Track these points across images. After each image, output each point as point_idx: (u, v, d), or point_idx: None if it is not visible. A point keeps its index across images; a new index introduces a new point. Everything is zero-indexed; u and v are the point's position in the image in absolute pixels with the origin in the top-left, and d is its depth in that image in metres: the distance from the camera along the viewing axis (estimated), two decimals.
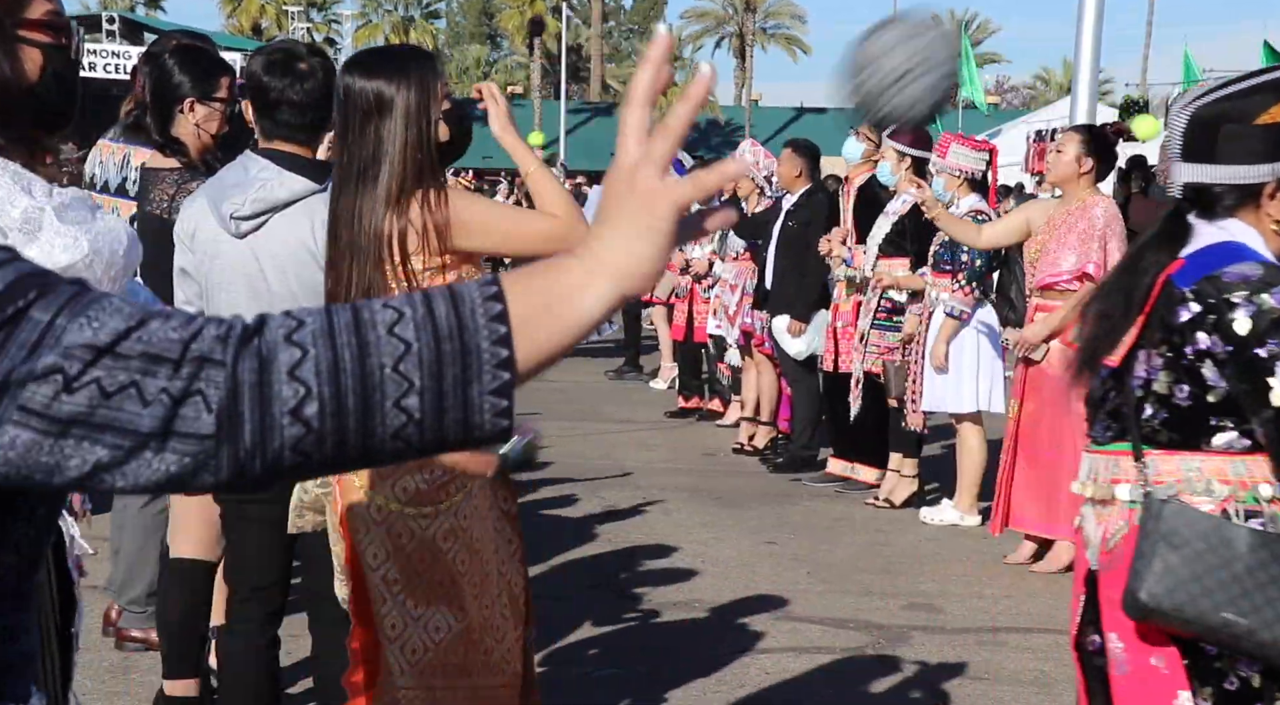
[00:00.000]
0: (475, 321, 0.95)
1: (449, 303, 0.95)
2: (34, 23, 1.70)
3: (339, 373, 0.93)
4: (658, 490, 7.00)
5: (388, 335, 0.94)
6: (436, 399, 0.94)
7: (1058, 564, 5.60)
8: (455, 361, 0.94)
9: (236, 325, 0.94)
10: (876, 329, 6.67)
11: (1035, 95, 63.46)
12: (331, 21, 52.93)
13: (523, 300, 0.97)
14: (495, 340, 0.95)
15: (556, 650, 4.43)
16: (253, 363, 0.92)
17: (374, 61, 2.56)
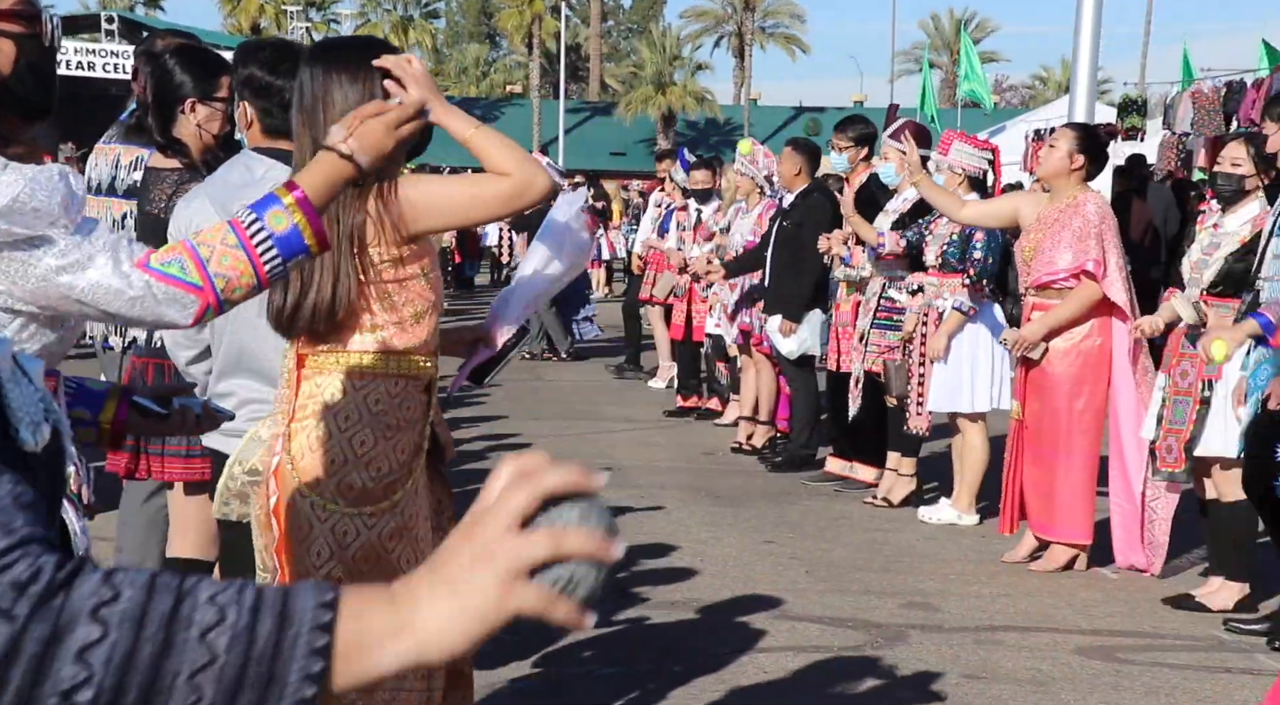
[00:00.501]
0: (294, 650, 0.88)
1: (276, 621, 0.88)
2: (3, 13, 1.70)
3: (130, 667, 0.85)
4: (657, 489, 7.01)
5: (197, 640, 0.87)
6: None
7: (1055, 563, 5.61)
8: (257, 686, 0.87)
9: (45, 571, 0.86)
10: (877, 328, 6.68)
11: (1034, 94, 63.45)
12: (330, 21, 52.86)
13: (345, 635, 0.90)
14: (306, 676, 0.88)
15: (557, 649, 4.44)
16: (44, 630, 0.84)
17: (334, 52, 2.52)
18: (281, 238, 1.82)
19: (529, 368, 11.77)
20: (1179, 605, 5.11)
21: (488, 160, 2.46)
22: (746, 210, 8.29)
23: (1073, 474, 5.58)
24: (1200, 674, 4.46)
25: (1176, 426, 5.10)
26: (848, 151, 7.14)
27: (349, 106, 2.34)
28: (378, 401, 2.48)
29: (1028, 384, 5.65)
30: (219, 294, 1.81)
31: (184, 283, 1.79)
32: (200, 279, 1.79)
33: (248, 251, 1.81)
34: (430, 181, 2.51)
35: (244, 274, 1.81)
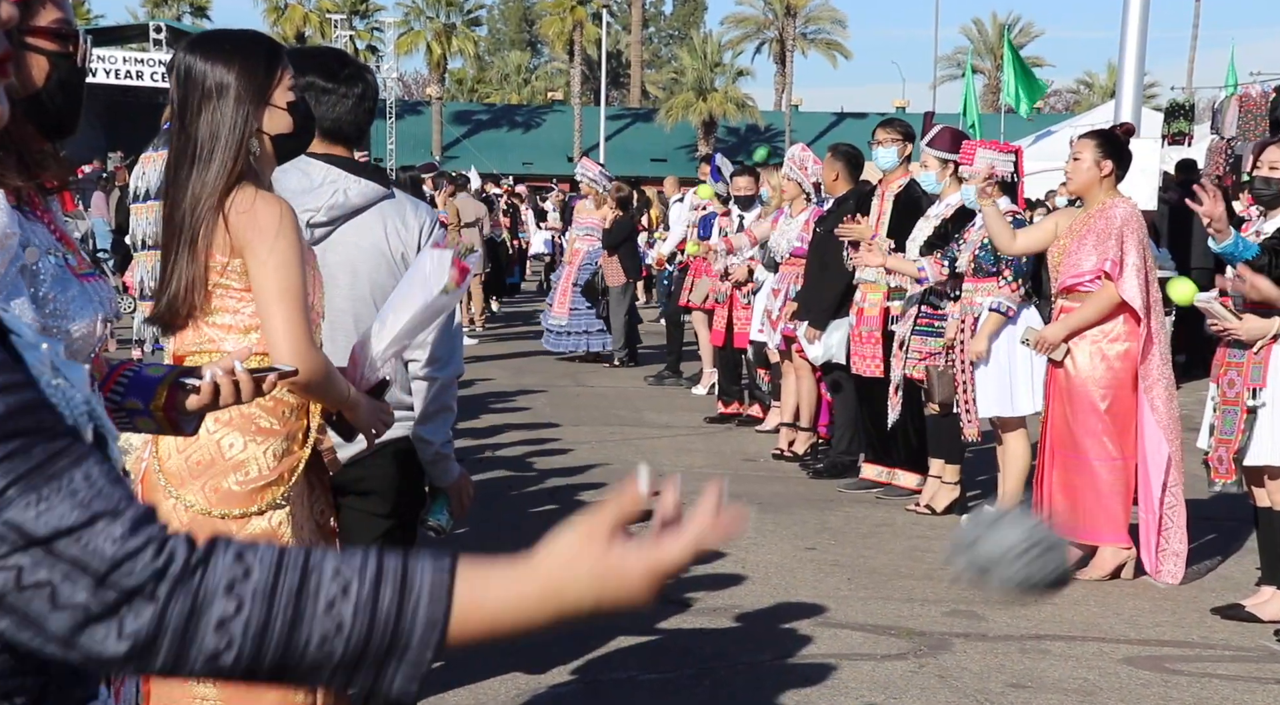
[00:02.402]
0: (415, 617, 0.97)
1: (396, 589, 0.97)
2: (42, 30, 1.72)
3: (265, 636, 0.94)
4: (697, 496, 6.97)
5: (325, 612, 0.95)
6: (349, 672, 0.96)
7: (1101, 571, 5.55)
8: (380, 650, 0.96)
9: (179, 555, 0.93)
10: (918, 335, 6.65)
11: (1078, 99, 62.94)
12: (374, 29, 53.26)
13: (465, 600, 0.99)
14: (426, 643, 0.97)
15: (599, 655, 4.44)
16: (184, 605, 0.93)
17: (216, 43, 2.44)
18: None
19: (570, 373, 11.80)
20: (1229, 615, 5.04)
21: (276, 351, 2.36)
22: (791, 216, 8.27)
23: (1098, 477, 5.54)
24: (1250, 685, 4.39)
25: (1226, 437, 5.04)
26: (895, 145, 7.10)
27: (223, 96, 2.35)
28: (249, 405, 2.40)
29: (1054, 386, 5.63)
30: None
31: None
32: None
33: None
34: (272, 252, 2.36)
35: None
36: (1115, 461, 5.55)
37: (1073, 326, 5.53)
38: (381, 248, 2.99)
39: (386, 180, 3.10)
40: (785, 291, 8.05)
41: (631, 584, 1.02)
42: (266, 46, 2.44)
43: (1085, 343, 5.55)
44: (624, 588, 1.02)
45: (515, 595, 1.01)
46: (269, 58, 2.41)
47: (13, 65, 1.64)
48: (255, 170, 2.40)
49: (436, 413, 3.06)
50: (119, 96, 29.42)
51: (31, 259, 1.82)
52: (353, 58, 3.15)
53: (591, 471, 7.56)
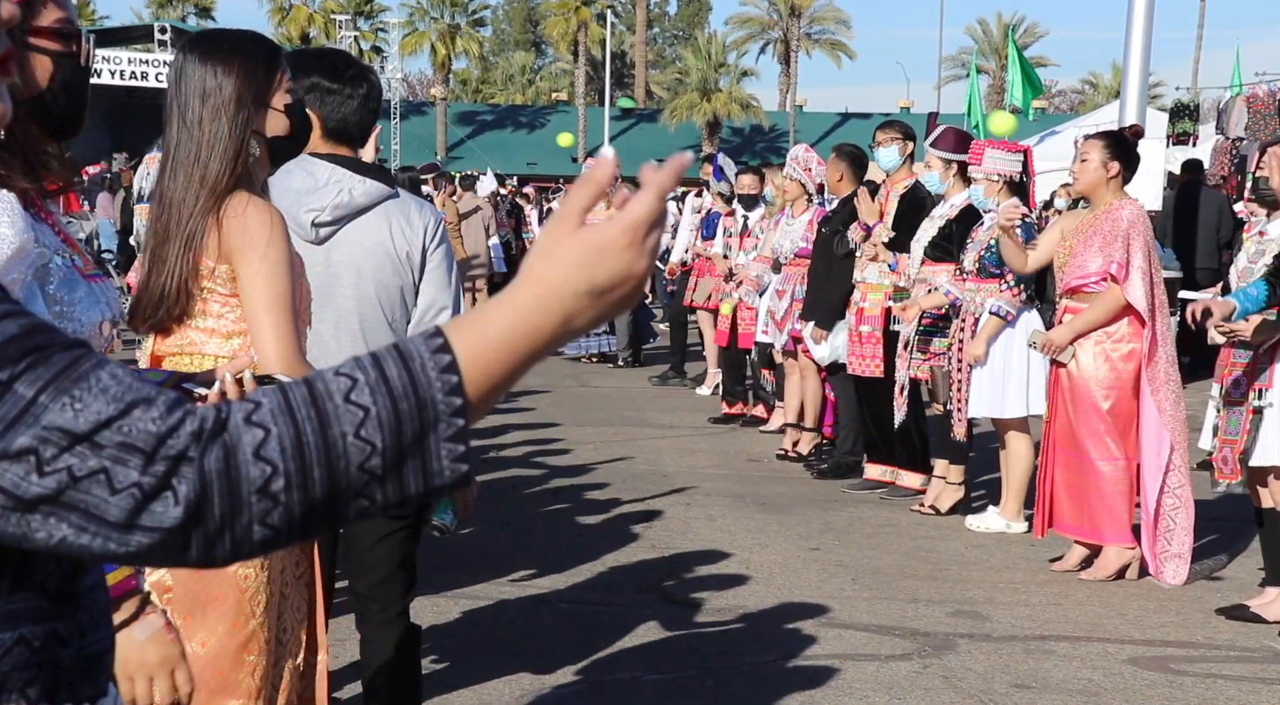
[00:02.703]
0: (427, 375, 0.97)
1: (398, 362, 0.97)
2: (45, 30, 1.71)
3: (303, 447, 0.95)
4: (702, 496, 7.00)
5: (345, 403, 0.96)
6: (398, 456, 0.96)
7: (1105, 571, 5.55)
8: (413, 417, 0.96)
9: (209, 417, 0.95)
10: (922, 335, 6.65)
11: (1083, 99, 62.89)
12: (378, 30, 53.32)
13: (466, 345, 0.99)
14: (448, 390, 0.97)
15: (603, 656, 4.44)
16: (219, 451, 0.94)
17: (215, 44, 2.41)
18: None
19: (574, 374, 11.80)
20: (1234, 616, 5.03)
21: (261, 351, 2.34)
22: (793, 217, 8.27)
23: (1102, 477, 5.53)
24: (1256, 686, 4.38)
25: (1231, 437, 5.03)
26: (896, 144, 7.11)
27: (222, 98, 2.33)
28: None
29: (1058, 386, 5.63)
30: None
31: None
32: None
33: None
34: (262, 262, 2.34)
35: None
36: (1118, 462, 5.55)
37: (1079, 329, 5.53)
38: (386, 247, 3.00)
39: (391, 180, 3.10)
40: (791, 292, 8.06)
41: (616, 246, 0.99)
42: (266, 48, 2.43)
43: (1090, 343, 5.54)
44: (611, 254, 0.99)
45: (513, 310, 1.00)
46: (269, 60, 2.40)
47: (15, 65, 1.65)
48: (250, 173, 2.39)
49: None
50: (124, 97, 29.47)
51: (41, 259, 1.82)
52: (356, 58, 3.16)
53: (595, 471, 7.56)
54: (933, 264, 6.64)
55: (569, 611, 4.93)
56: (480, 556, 5.50)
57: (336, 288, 3.01)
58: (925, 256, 6.66)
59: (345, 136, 3.00)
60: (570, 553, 5.72)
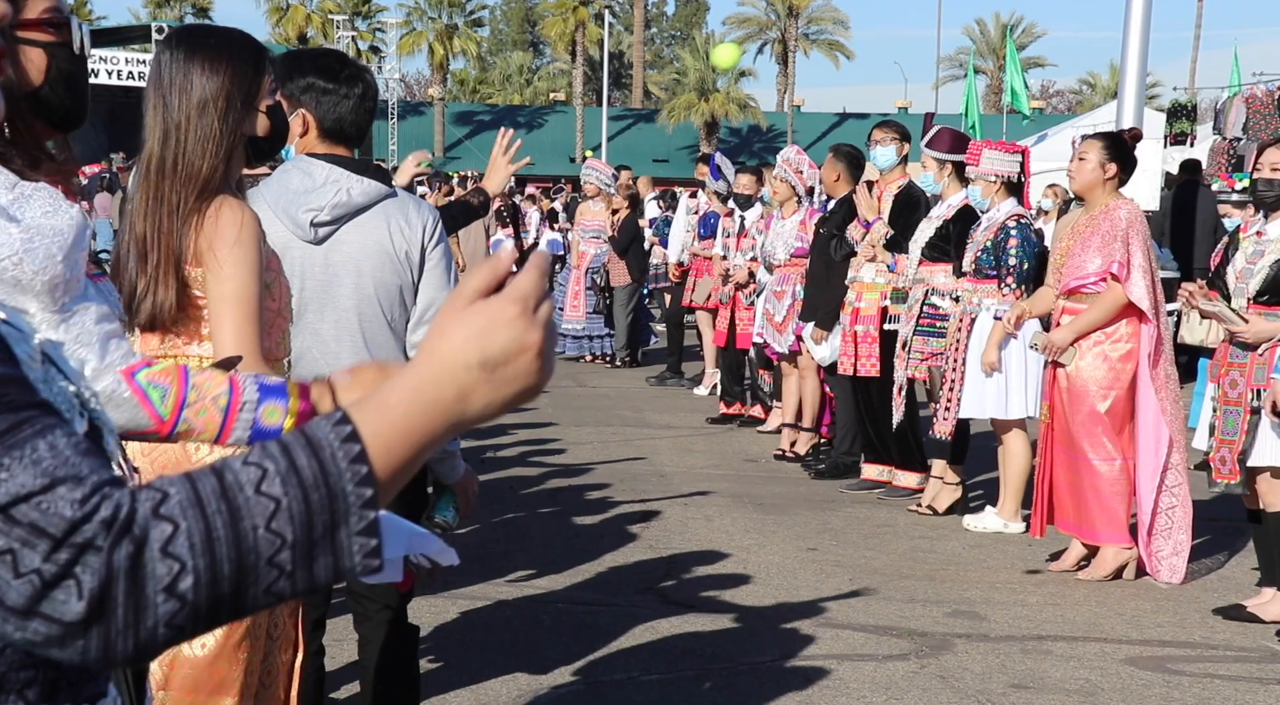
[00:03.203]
0: (337, 465, 0.95)
1: (308, 451, 0.95)
2: (32, 23, 1.69)
3: (213, 542, 0.92)
4: (699, 496, 7.00)
5: (256, 494, 0.93)
6: (308, 549, 0.94)
7: (1103, 571, 5.55)
8: (323, 509, 0.94)
9: (124, 504, 0.92)
10: (920, 335, 6.65)
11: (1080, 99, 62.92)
12: (376, 30, 53.29)
13: (374, 435, 0.97)
14: (359, 480, 0.95)
15: (600, 656, 4.44)
16: (128, 548, 0.90)
17: (198, 41, 2.38)
18: (261, 429, 1.81)
19: (572, 374, 11.80)
20: (1231, 616, 5.03)
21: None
22: (783, 218, 8.28)
23: (1099, 478, 5.54)
24: (1253, 685, 4.39)
25: (1228, 437, 5.04)
26: (893, 144, 7.12)
27: (205, 93, 2.31)
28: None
29: (1055, 387, 5.63)
30: (173, 433, 1.79)
31: (154, 410, 1.77)
32: (169, 414, 1.77)
33: (225, 420, 1.79)
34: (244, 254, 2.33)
35: (207, 432, 1.80)
36: (1115, 462, 5.55)
37: (1079, 329, 5.52)
38: (385, 246, 3.00)
39: (388, 179, 3.11)
40: (791, 292, 8.06)
41: (505, 316, 0.98)
42: (254, 48, 2.42)
43: (1089, 344, 5.55)
44: (500, 324, 0.98)
45: (409, 390, 0.98)
46: (257, 60, 2.39)
47: (9, 62, 1.63)
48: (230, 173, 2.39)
49: None
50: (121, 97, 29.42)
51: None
52: (352, 59, 3.16)
53: (593, 472, 7.56)
54: (930, 264, 6.65)
55: (566, 612, 4.93)
56: (478, 556, 5.50)
57: (336, 287, 3.01)
58: (922, 257, 6.67)
59: (342, 136, 3.00)
60: (568, 553, 5.72)
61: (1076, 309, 5.57)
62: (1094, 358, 5.55)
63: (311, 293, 3.00)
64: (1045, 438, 5.70)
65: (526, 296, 0.99)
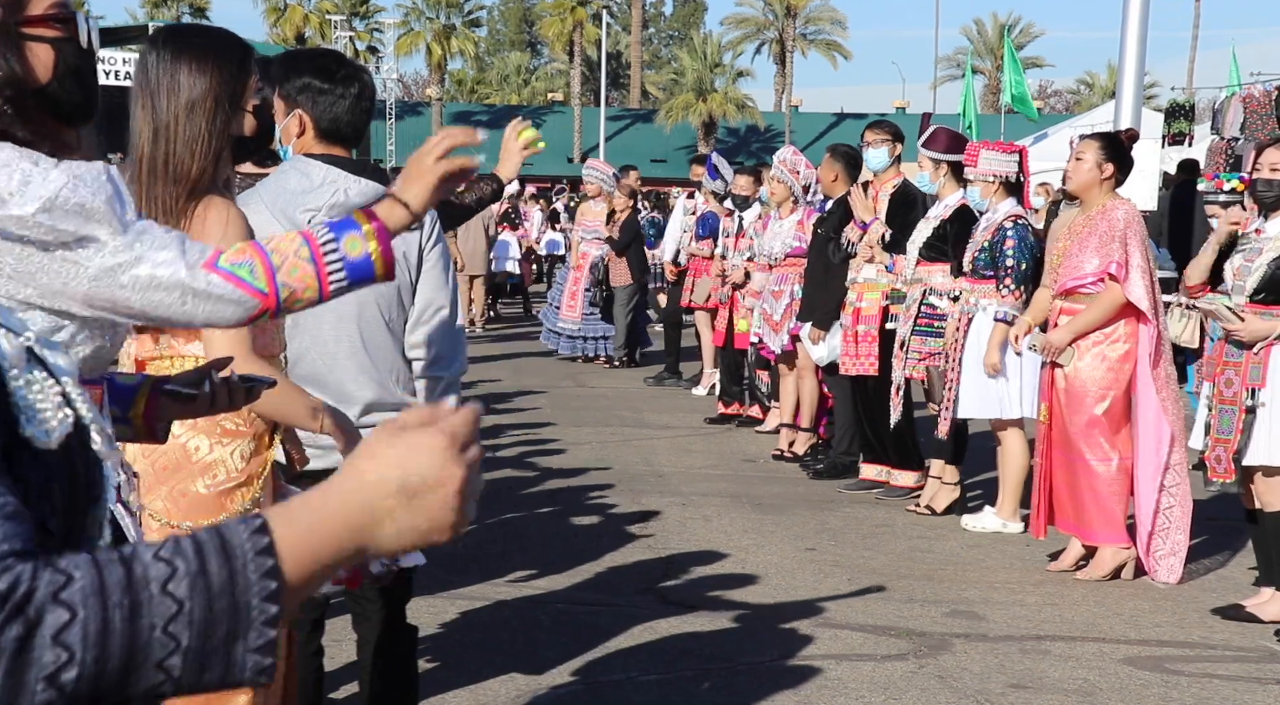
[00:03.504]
0: (247, 577, 0.93)
1: (221, 557, 0.93)
2: (38, 19, 1.69)
3: (106, 636, 0.89)
4: (698, 496, 7.00)
5: (160, 593, 0.91)
6: (199, 658, 0.92)
7: (1101, 571, 5.56)
8: (225, 619, 0.92)
9: (23, 579, 0.89)
10: (918, 335, 6.65)
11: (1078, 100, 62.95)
12: (374, 30, 53.27)
13: (290, 549, 0.95)
14: (265, 596, 0.93)
15: (599, 656, 4.44)
16: (17, 629, 0.88)
17: (185, 40, 2.38)
18: (353, 263, 1.84)
19: (571, 374, 11.80)
20: (1229, 615, 5.04)
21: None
22: (780, 218, 8.28)
23: (1098, 479, 5.54)
24: (1251, 685, 4.39)
25: (1224, 436, 5.04)
26: (885, 145, 7.13)
27: (193, 94, 2.31)
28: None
29: (1053, 388, 5.63)
30: (280, 301, 1.81)
31: (250, 286, 1.79)
32: (266, 285, 1.80)
33: (318, 267, 1.81)
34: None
35: (308, 287, 1.82)
36: (1112, 462, 5.55)
37: (1078, 329, 5.51)
38: None
39: (386, 180, 3.10)
40: (789, 292, 8.06)
41: (431, 446, 0.97)
42: (241, 49, 2.42)
43: (1087, 344, 5.55)
44: (424, 453, 0.97)
45: (327, 505, 0.97)
46: (243, 61, 2.39)
47: (14, 58, 1.62)
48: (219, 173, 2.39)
49: None
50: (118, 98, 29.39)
51: None
52: (349, 59, 3.16)
53: (591, 472, 7.56)
54: (927, 264, 6.65)
55: (565, 612, 4.93)
56: (476, 557, 5.50)
57: None
58: (920, 257, 6.67)
59: (338, 137, 2.99)
60: (566, 553, 5.72)
61: (1074, 309, 5.57)
62: (1092, 358, 5.55)
63: None
64: (1044, 438, 5.70)
65: (456, 434, 0.98)
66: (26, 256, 1.67)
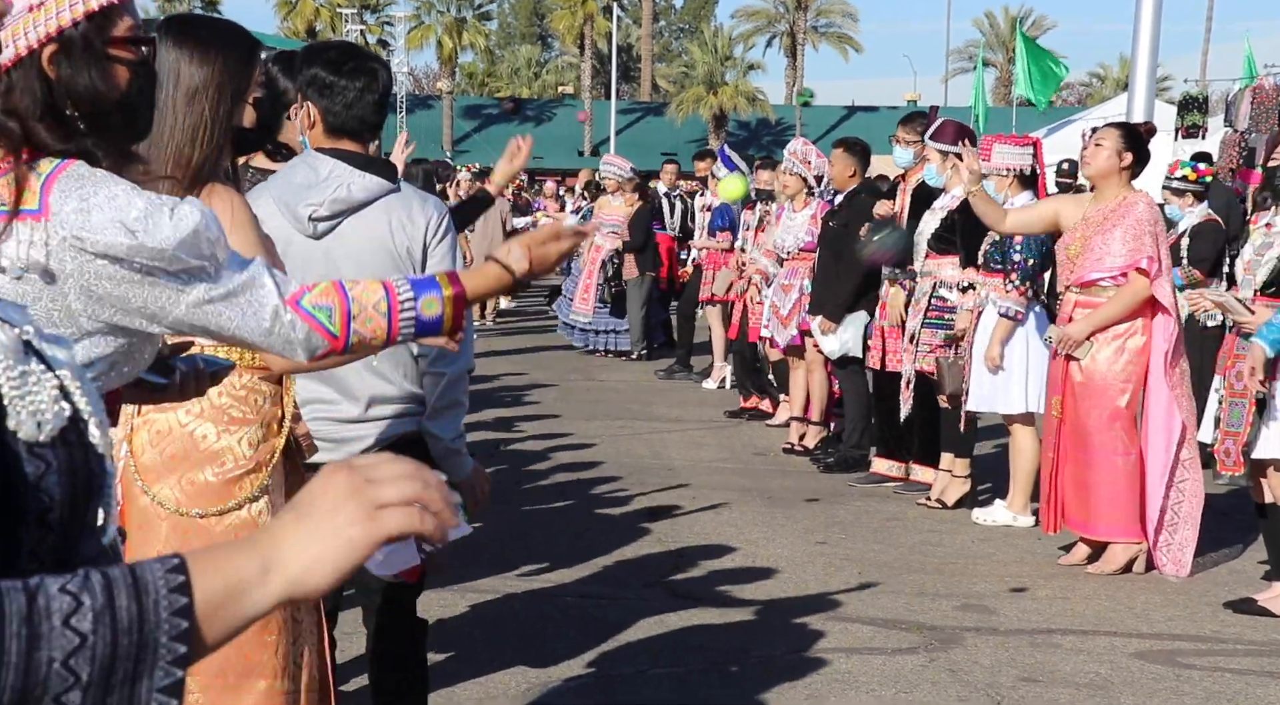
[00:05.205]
0: (157, 614, 0.91)
1: (131, 592, 0.91)
2: (120, 40, 1.77)
3: (1, 666, 0.86)
4: (708, 490, 7.00)
5: (62, 627, 0.88)
6: (101, 695, 0.89)
7: (1113, 566, 5.54)
8: (129, 656, 0.89)
9: None
10: (928, 327, 6.64)
11: (1091, 92, 62.75)
12: (384, 23, 53.29)
13: (204, 590, 0.93)
14: (175, 635, 0.91)
15: (609, 649, 4.44)
16: None
17: (190, 29, 2.37)
18: (424, 321, 1.90)
19: (581, 368, 11.81)
20: (1241, 609, 5.02)
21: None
22: (794, 211, 8.26)
23: (1115, 472, 5.52)
24: (1263, 679, 4.38)
25: (1233, 429, 5.02)
26: (914, 146, 7.10)
27: (195, 83, 2.31)
28: (220, 394, 2.40)
29: (1068, 381, 5.59)
30: (348, 345, 1.87)
31: (326, 330, 1.85)
32: (340, 331, 1.86)
33: (390, 323, 1.87)
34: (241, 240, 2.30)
35: (377, 337, 1.89)
36: (1130, 457, 5.53)
37: (1097, 323, 5.46)
38: (386, 243, 2.98)
39: (394, 175, 3.09)
40: (799, 286, 8.05)
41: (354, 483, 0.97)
42: (248, 42, 2.42)
43: (1107, 336, 5.50)
44: (319, 483, 0.98)
45: (242, 541, 0.96)
46: (248, 53, 2.39)
47: (100, 75, 1.72)
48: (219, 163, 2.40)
49: (447, 408, 3.05)
50: None
51: None
52: (363, 51, 3.14)
53: (601, 465, 7.57)
54: (937, 257, 6.63)
55: (575, 605, 4.93)
56: (487, 550, 5.51)
57: None
58: (929, 249, 6.65)
59: (344, 130, 2.98)
60: (576, 547, 5.73)
61: (1090, 302, 5.52)
62: (1112, 351, 5.50)
63: None
64: (1054, 432, 5.66)
65: (374, 479, 0.97)
66: (129, 281, 1.71)
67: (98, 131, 1.73)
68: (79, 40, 1.72)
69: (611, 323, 12.37)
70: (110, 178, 1.72)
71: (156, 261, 1.71)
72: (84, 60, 1.72)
